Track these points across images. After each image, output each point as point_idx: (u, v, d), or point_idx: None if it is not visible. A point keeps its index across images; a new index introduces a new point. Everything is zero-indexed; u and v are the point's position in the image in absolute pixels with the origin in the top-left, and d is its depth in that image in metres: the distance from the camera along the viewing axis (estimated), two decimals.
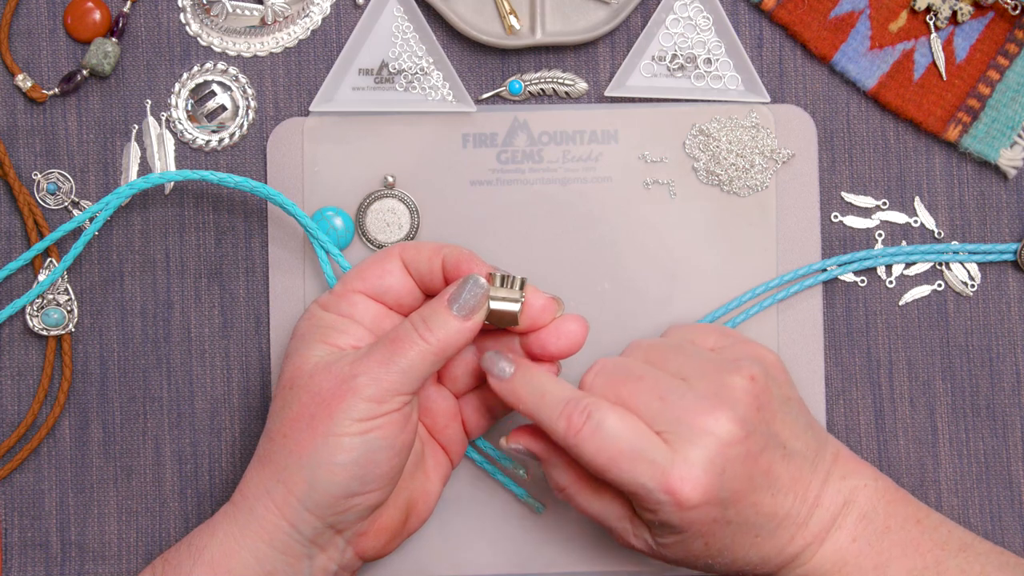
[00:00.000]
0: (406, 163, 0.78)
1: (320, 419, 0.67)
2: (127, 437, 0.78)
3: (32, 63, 0.79)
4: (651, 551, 0.70)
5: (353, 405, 0.67)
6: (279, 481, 0.68)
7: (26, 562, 0.78)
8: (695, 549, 0.68)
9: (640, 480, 0.66)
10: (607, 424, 0.66)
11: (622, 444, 0.66)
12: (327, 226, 0.77)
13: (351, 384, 0.67)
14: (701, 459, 0.66)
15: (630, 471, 0.66)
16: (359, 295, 0.71)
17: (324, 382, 0.67)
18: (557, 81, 0.78)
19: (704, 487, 0.65)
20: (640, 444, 0.66)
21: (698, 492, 0.65)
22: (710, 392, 0.67)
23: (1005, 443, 0.79)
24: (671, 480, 0.65)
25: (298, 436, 0.67)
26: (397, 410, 0.67)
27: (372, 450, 0.67)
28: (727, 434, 0.66)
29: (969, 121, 0.78)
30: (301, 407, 0.68)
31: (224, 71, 0.79)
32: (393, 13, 0.78)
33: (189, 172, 0.74)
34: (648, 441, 0.66)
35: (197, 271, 0.78)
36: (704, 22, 0.78)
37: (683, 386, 0.67)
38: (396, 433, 0.67)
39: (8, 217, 0.78)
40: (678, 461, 0.65)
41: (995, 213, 0.79)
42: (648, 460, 0.66)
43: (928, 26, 0.78)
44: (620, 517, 0.69)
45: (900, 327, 0.79)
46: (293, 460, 0.67)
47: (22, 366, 0.78)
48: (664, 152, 0.78)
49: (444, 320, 0.68)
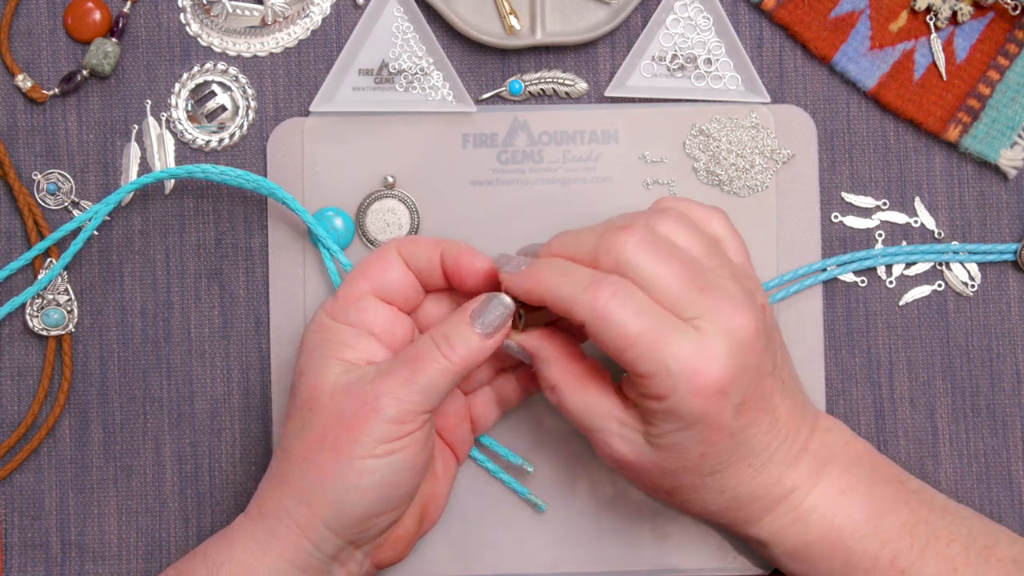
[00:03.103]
0: (406, 163, 0.78)
1: (343, 442, 0.66)
2: (127, 437, 0.78)
3: (32, 63, 0.79)
4: (634, 459, 0.67)
5: (376, 427, 0.66)
6: (301, 502, 0.67)
7: (26, 562, 0.78)
8: (690, 459, 0.66)
9: (664, 359, 0.64)
10: (636, 299, 0.64)
11: (649, 320, 0.64)
12: (327, 226, 0.77)
13: (373, 405, 0.66)
14: (728, 349, 0.64)
15: (655, 348, 0.64)
16: (367, 298, 0.70)
17: (345, 404, 0.67)
18: (557, 81, 0.78)
19: (727, 374, 0.64)
20: (668, 323, 0.64)
21: (722, 376, 0.64)
22: (740, 296, 0.66)
23: (1005, 443, 0.79)
24: (696, 361, 0.64)
25: (320, 458, 0.67)
26: (419, 428, 0.67)
27: (396, 471, 0.67)
28: (751, 337, 0.65)
29: (969, 121, 0.78)
30: (323, 429, 0.67)
31: (224, 71, 0.79)
32: (393, 13, 0.78)
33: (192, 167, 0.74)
34: (676, 321, 0.65)
35: (197, 271, 0.78)
36: (704, 22, 0.78)
37: (720, 280, 0.66)
38: (418, 452, 0.67)
39: (8, 217, 0.78)
40: (706, 345, 0.64)
41: (995, 213, 0.79)
42: (675, 339, 0.64)
43: (928, 26, 0.78)
44: (608, 416, 0.68)
45: (900, 327, 0.79)
46: (316, 482, 0.67)
47: (22, 366, 0.78)
48: (664, 152, 0.78)
49: (467, 337, 0.68)
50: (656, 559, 0.77)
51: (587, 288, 0.65)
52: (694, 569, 0.78)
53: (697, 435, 0.66)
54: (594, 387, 0.68)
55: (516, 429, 0.78)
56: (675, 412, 0.65)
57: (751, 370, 0.66)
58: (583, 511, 0.78)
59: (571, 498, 0.78)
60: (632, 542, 0.77)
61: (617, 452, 0.68)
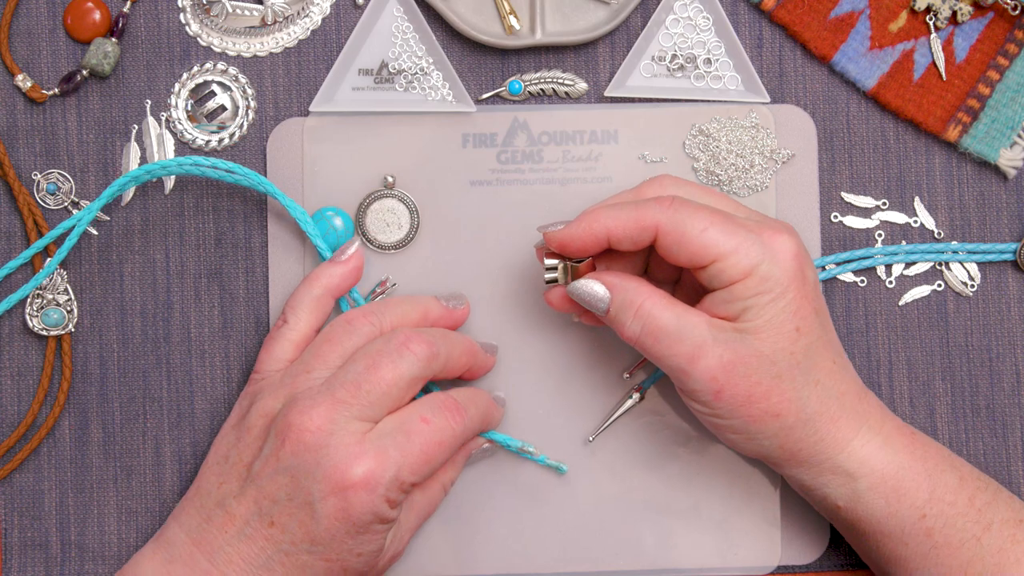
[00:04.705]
0: (406, 163, 0.78)
1: None
2: (127, 437, 0.78)
3: (32, 63, 0.79)
4: (731, 358, 0.68)
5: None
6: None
7: (26, 562, 0.78)
8: (785, 335, 0.68)
9: (743, 232, 0.68)
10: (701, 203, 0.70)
11: (717, 211, 0.69)
12: (327, 226, 0.77)
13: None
14: (791, 237, 0.69)
15: (731, 226, 0.68)
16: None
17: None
18: (557, 81, 0.78)
19: (800, 249, 0.69)
20: (735, 221, 0.69)
21: (796, 247, 0.69)
22: (777, 223, 0.71)
23: (1005, 443, 0.79)
24: (772, 234, 0.69)
25: None
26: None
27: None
28: (801, 246, 0.70)
29: (969, 121, 0.78)
30: None
31: (224, 71, 0.79)
32: (393, 13, 0.78)
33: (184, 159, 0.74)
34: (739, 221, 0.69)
35: (197, 271, 0.78)
36: (704, 22, 0.78)
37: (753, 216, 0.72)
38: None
39: (8, 217, 0.78)
40: (773, 230, 0.69)
41: (995, 213, 0.79)
42: (743, 223, 0.69)
43: (928, 26, 0.78)
44: (700, 324, 0.68)
45: (900, 327, 0.79)
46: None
47: (22, 366, 0.78)
48: (664, 152, 0.78)
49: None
50: (656, 559, 0.77)
51: (648, 201, 0.69)
52: (694, 569, 0.78)
53: (790, 305, 0.68)
54: (679, 304, 0.70)
55: (517, 429, 0.78)
56: (767, 279, 0.68)
57: (811, 268, 0.70)
58: (583, 511, 0.78)
59: (571, 498, 0.78)
60: (632, 542, 0.77)
61: (713, 363, 0.68)
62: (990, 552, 0.69)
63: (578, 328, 0.78)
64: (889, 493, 0.70)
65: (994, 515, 0.70)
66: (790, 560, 0.78)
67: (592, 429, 0.78)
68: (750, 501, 0.78)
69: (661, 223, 0.68)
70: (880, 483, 0.70)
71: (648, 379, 0.78)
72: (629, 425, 0.78)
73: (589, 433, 0.78)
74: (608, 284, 0.70)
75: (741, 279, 0.68)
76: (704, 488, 0.78)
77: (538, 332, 0.78)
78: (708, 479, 0.78)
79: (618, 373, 0.78)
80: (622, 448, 0.78)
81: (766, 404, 0.69)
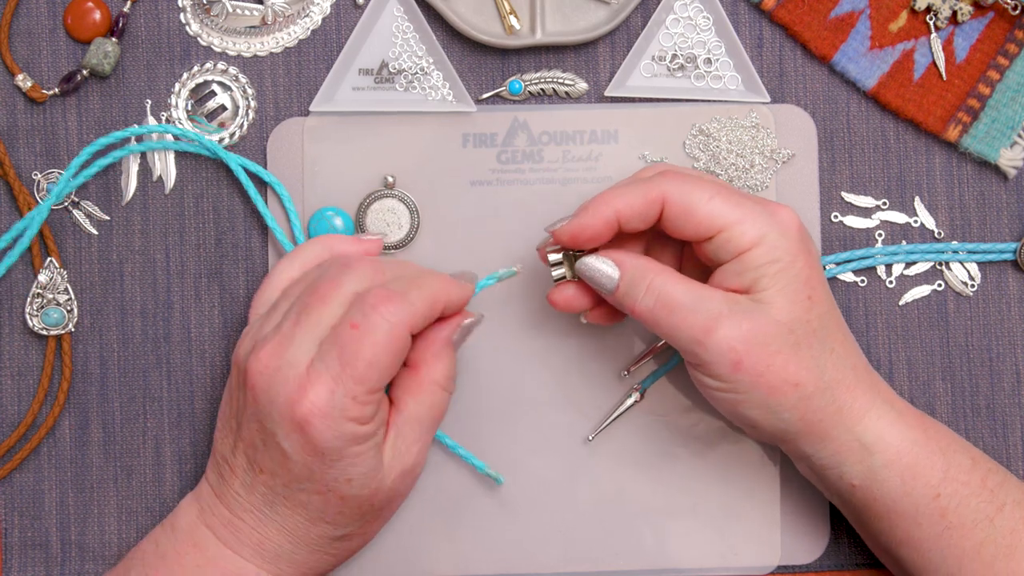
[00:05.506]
0: (406, 163, 0.78)
1: None
2: (127, 437, 0.78)
3: (32, 63, 0.79)
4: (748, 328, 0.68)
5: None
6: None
7: (26, 562, 0.78)
8: (799, 303, 0.68)
9: (748, 204, 0.69)
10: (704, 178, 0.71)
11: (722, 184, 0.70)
12: (327, 226, 0.77)
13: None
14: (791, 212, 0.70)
15: (736, 199, 0.69)
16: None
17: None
18: (557, 81, 0.78)
19: (800, 222, 0.70)
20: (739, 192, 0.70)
21: (798, 221, 0.70)
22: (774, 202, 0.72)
23: (1005, 443, 0.79)
24: (775, 207, 0.70)
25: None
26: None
27: None
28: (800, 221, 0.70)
29: (969, 121, 0.78)
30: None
31: (224, 71, 0.79)
32: (393, 13, 0.78)
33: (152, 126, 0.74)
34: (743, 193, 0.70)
35: (197, 271, 0.78)
36: (704, 22, 0.78)
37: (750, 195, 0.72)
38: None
39: (8, 217, 0.78)
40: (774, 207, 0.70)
41: (995, 213, 0.79)
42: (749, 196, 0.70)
43: (928, 26, 0.78)
44: (714, 297, 0.68)
45: (900, 327, 0.79)
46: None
47: (22, 366, 0.78)
48: (664, 152, 0.78)
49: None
50: (656, 559, 0.77)
51: (652, 176, 0.70)
52: (694, 569, 0.78)
53: (801, 273, 0.69)
54: (690, 279, 0.70)
55: (516, 429, 0.78)
56: (776, 247, 0.68)
57: (812, 242, 0.71)
58: (583, 511, 0.78)
59: (571, 498, 0.78)
60: (632, 542, 0.77)
61: (732, 333, 0.68)
62: (1002, 533, 0.69)
63: (578, 328, 0.78)
64: (904, 471, 0.69)
65: (1006, 496, 0.70)
66: (790, 560, 0.78)
67: (592, 429, 0.78)
68: (750, 501, 0.78)
69: (668, 193, 0.69)
70: (896, 459, 0.69)
71: (648, 379, 0.78)
72: (629, 425, 0.78)
73: (589, 433, 0.78)
74: (617, 261, 0.70)
75: (750, 248, 0.68)
76: (704, 488, 0.78)
77: (538, 332, 0.78)
78: (708, 479, 0.78)
79: (618, 373, 0.78)
80: (622, 448, 0.78)
81: (785, 373, 0.68)
